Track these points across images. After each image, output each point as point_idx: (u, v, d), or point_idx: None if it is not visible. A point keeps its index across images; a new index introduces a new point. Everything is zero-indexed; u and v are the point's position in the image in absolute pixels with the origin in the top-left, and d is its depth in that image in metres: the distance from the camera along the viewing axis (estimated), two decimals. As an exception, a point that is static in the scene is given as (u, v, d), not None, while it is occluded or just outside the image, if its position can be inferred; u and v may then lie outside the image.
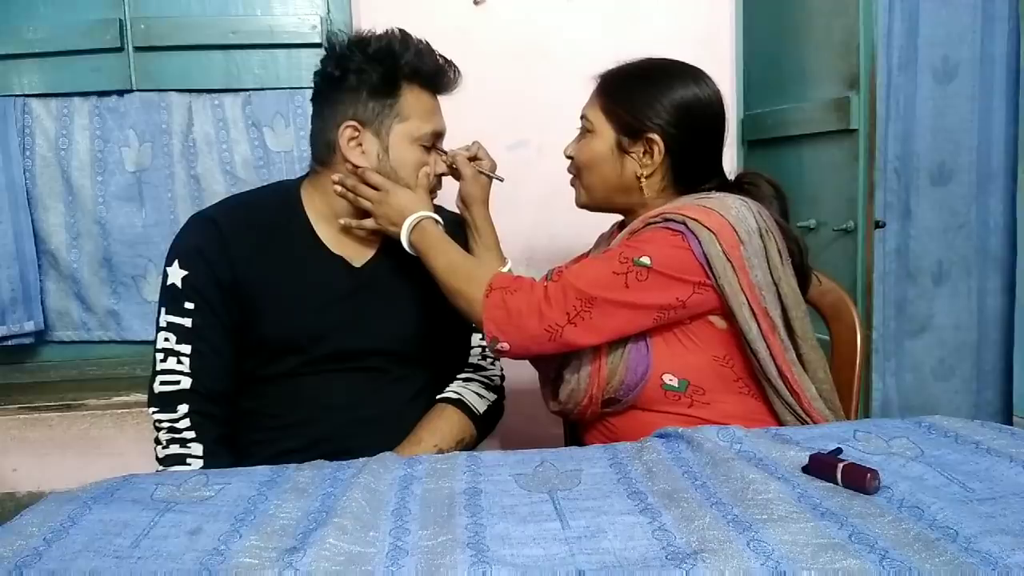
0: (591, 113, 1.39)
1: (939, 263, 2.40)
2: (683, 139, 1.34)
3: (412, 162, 1.39)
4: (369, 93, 1.36)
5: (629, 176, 1.36)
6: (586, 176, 1.41)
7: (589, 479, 0.99)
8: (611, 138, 1.36)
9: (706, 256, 1.24)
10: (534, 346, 1.27)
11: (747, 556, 0.76)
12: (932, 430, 1.10)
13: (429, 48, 1.40)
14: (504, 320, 1.26)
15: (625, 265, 1.24)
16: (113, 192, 2.37)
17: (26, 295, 2.37)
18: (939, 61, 2.25)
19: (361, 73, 1.36)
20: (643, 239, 1.28)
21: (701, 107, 1.35)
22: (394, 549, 0.81)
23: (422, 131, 1.39)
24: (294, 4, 2.37)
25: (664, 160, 1.34)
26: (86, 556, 0.80)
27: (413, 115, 1.38)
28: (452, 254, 1.35)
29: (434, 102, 1.43)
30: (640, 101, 1.34)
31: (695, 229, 1.24)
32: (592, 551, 0.80)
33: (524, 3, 2.16)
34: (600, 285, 1.24)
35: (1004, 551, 0.75)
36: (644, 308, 1.25)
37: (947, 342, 2.44)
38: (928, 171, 2.36)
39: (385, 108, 1.37)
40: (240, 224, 1.39)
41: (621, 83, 1.38)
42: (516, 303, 1.25)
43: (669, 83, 1.34)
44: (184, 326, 1.34)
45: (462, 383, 1.52)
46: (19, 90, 2.34)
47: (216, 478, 1.02)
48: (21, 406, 2.40)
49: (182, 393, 1.32)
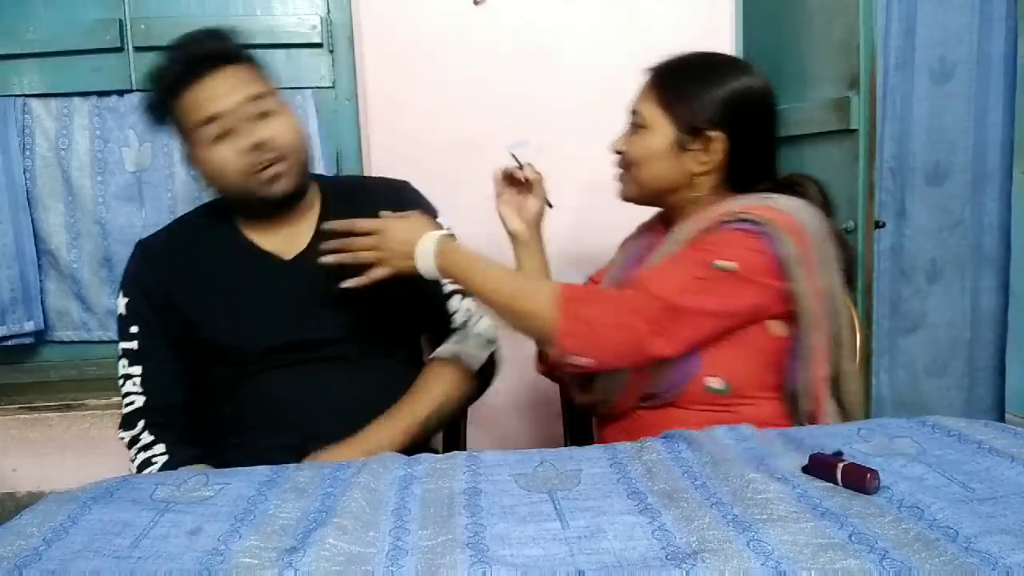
0: (646, 108, 1.35)
1: (933, 262, 2.41)
2: (743, 136, 1.32)
3: (213, 164, 1.36)
4: (174, 129, 1.40)
5: (685, 173, 1.34)
6: (638, 171, 1.37)
7: (589, 479, 0.99)
8: (669, 134, 1.32)
9: (784, 259, 1.21)
10: (616, 360, 1.22)
11: (747, 556, 0.76)
12: (936, 429, 1.10)
13: (184, 44, 1.40)
14: (585, 334, 1.18)
15: (706, 270, 1.20)
16: (113, 192, 2.37)
17: (26, 295, 2.37)
18: (936, 62, 2.25)
19: (155, 124, 1.41)
20: (721, 241, 1.24)
21: (761, 103, 1.34)
22: (394, 549, 0.81)
23: (196, 129, 1.35)
24: (294, 4, 2.37)
25: (722, 158, 1.32)
26: (86, 556, 0.80)
27: (185, 124, 1.36)
28: (497, 271, 1.28)
29: (202, 91, 1.34)
30: (700, 97, 1.31)
31: (774, 231, 1.22)
32: (592, 551, 0.80)
33: (524, 3, 2.16)
34: (685, 292, 1.20)
35: (1004, 551, 0.75)
36: (727, 315, 1.23)
37: (940, 340, 2.45)
38: (924, 171, 2.37)
39: (179, 136, 1.39)
40: (172, 243, 1.48)
41: (679, 78, 1.35)
42: (597, 315, 1.19)
43: (728, 78, 1.32)
44: (133, 349, 1.42)
45: (456, 340, 1.51)
46: (19, 90, 2.34)
47: (216, 478, 1.02)
48: (21, 406, 2.40)
49: (138, 411, 1.40)
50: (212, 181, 1.39)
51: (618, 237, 1.59)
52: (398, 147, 2.16)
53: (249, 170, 1.35)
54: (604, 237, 1.60)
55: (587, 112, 2.17)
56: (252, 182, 1.36)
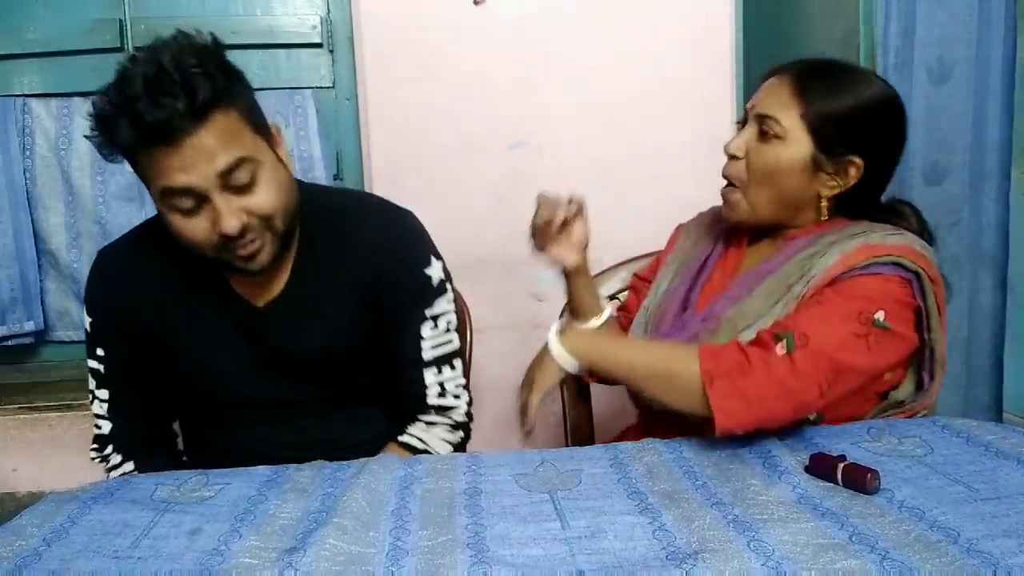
0: (785, 117, 1.20)
1: (931, 261, 2.41)
2: (879, 163, 1.23)
3: (175, 229, 1.13)
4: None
5: (812, 194, 1.22)
6: (760, 184, 1.23)
7: (589, 479, 0.99)
8: (807, 151, 1.19)
9: (927, 310, 1.15)
10: (777, 424, 1.09)
11: (747, 556, 0.76)
12: (945, 430, 1.09)
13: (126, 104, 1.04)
14: (743, 411, 1.05)
15: (865, 326, 1.10)
16: (113, 192, 2.37)
17: (26, 295, 2.37)
18: (934, 62, 2.25)
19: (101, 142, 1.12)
20: (876, 289, 1.13)
21: (900, 128, 1.24)
22: (394, 549, 0.81)
23: (159, 193, 1.10)
24: (294, 4, 2.37)
25: (855, 184, 1.21)
26: (86, 556, 0.80)
27: (149, 178, 1.10)
28: (634, 350, 1.21)
29: (168, 156, 1.06)
30: (848, 117, 1.18)
31: (924, 280, 1.14)
32: (592, 551, 0.80)
33: (524, 3, 2.16)
34: (845, 350, 1.09)
35: (1006, 553, 0.75)
36: (879, 371, 1.15)
37: (938, 339, 2.45)
38: (922, 170, 2.37)
39: (136, 170, 1.13)
40: (140, 260, 1.30)
41: (826, 90, 1.20)
42: (755, 387, 1.05)
43: (875, 99, 1.20)
44: (99, 371, 1.33)
45: (425, 427, 1.35)
46: (19, 90, 2.34)
47: (216, 478, 1.02)
48: (21, 406, 2.40)
49: (105, 437, 1.34)
50: (179, 243, 1.16)
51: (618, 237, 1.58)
52: (398, 147, 2.16)
53: (223, 247, 1.13)
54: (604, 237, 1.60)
55: (586, 112, 2.17)
56: (226, 256, 1.15)
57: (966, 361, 2.42)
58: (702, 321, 1.26)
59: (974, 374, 2.40)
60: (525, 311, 2.19)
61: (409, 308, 1.32)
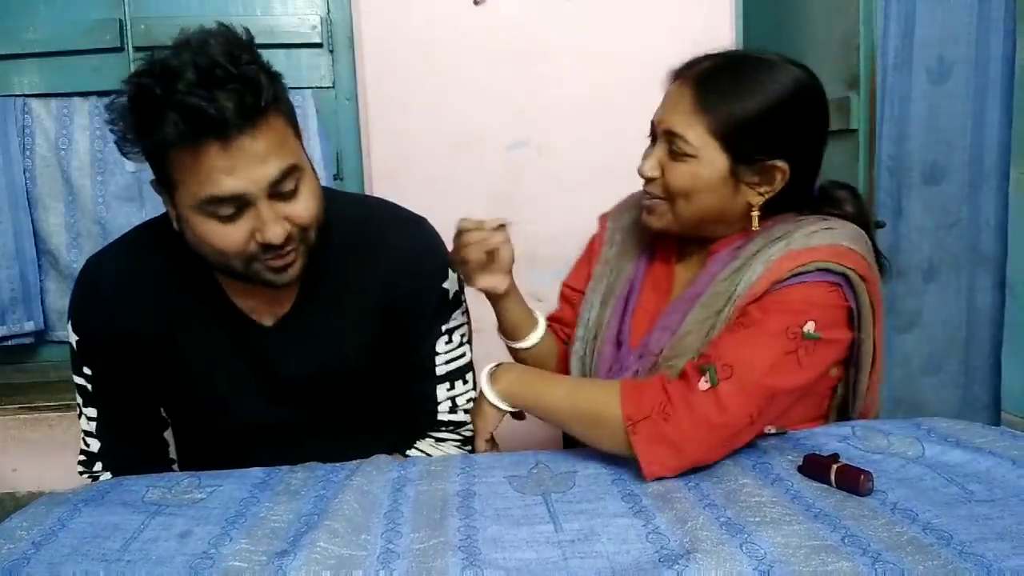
0: (691, 135, 1.12)
1: (929, 261, 2.41)
2: (807, 159, 1.16)
3: (205, 236, 1.02)
4: (144, 153, 1.03)
5: (740, 206, 1.16)
6: (682, 204, 1.16)
7: (583, 481, 0.99)
8: (723, 167, 1.12)
9: (859, 310, 1.10)
10: (705, 461, 1.03)
11: (740, 559, 0.76)
12: (933, 432, 1.09)
13: (177, 89, 0.93)
14: (670, 455, 1.00)
15: (794, 341, 1.05)
16: (113, 192, 2.37)
17: (26, 295, 2.37)
18: (934, 62, 2.25)
19: (120, 142, 1.02)
20: (802, 299, 1.07)
21: (820, 115, 1.16)
22: (385, 552, 0.81)
23: (197, 199, 0.99)
24: (294, 4, 2.37)
25: (783, 186, 1.15)
26: (74, 560, 0.80)
27: (183, 181, 1.00)
28: (554, 391, 1.15)
29: (217, 158, 0.96)
30: (761, 122, 1.10)
31: (854, 281, 1.08)
32: (585, 555, 0.80)
33: (524, 3, 2.16)
34: (777, 373, 1.04)
35: (999, 556, 0.74)
36: (813, 382, 1.10)
37: (936, 338, 2.46)
38: (921, 170, 2.37)
39: (158, 171, 1.04)
40: (135, 274, 1.17)
41: (729, 94, 1.11)
42: (678, 430, 1.01)
43: (785, 90, 1.11)
44: (87, 389, 1.23)
45: (435, 443, 1.30)
46: (19, 90, 2.34)
47: (208, 480, 1.02)
48: (21, 406, 2.40)
49: (94, 456, 1.28)
50: (192, 241, 1.06)
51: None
52: (398, 147, 2.16)
53: (252, 257, 1.05)
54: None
55: (586, 112, 2.17)
56: (256, 267, 1.06)
57: (964, 361, 2.42)
58: (639, 358, 1.22)
59: (972, 374, 2.40)
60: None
61: (427, 324, 1.27)
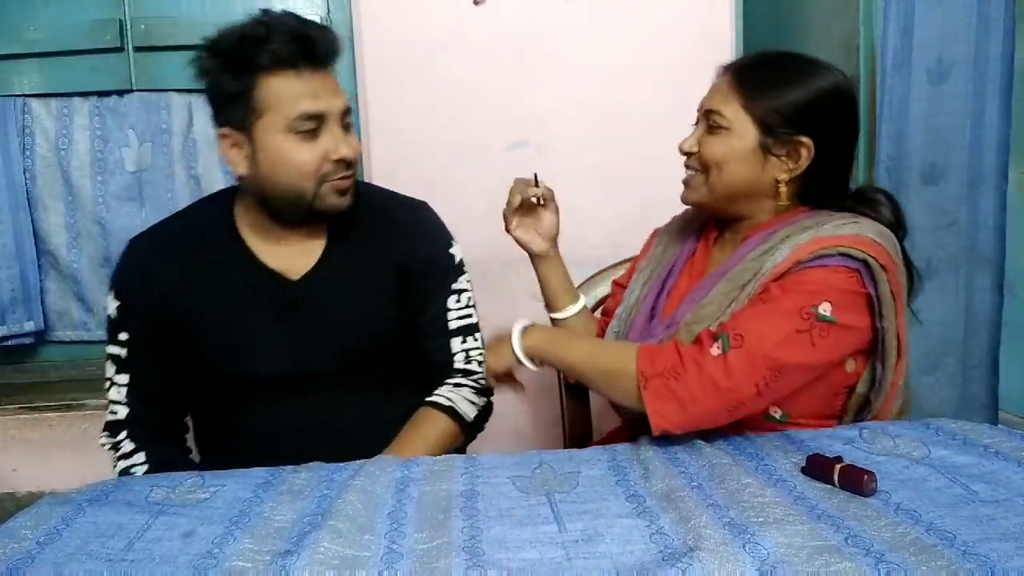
0: (727, 109, 1.24)
1: (928, 260, 2.41)
2: (830, 143, 1.23)
3: (287, 156, 1.23)
4: (229, 95, 1.24)
5: (767, 179, 1.25)
6: (715, 174, 1.26)
7: (587, 481, 0.99)
8: (753, 137, 1.23)
9: (879, 298, 1.14)
10: (711, 424, 1.12)
11: (743, 559, 0.76)
12: (940, 432, 1.09)
13: (289, 22, 1.23)
14: (676, 411, 1.09)
15: (808, 321, 1.11)
16: (113, 192, 2.37)
17: (26, 295, 2.37)
18: (933, 62, 2.25)
19: (213, 76, 1.25)
20: (820, 281, 1.13)
21: (849, 108, 1.26)
22: (389, 552, 0.81)
23: (289, 117, 1.22)
24: (294, 4, 2.37)
25: (808, 166, 1.23)
26: (79, 559, 0.80)
27: (276, 103, 1.22)
28: (577, 348, 1.26)
29: (306, 82, 1.23)
30: (788, 99, 1.21)
31: (874, 269, 1.13)
32: (588, 555, 0.80)
33: (524, 3, 2.16)
34: (786, 347, 1.10)
35: (1003, 557, 0.74)
36: (823, 365, 1.16)
37: (934, 337, 2.46)
38: (920, 170, 2.37)
39: (245, 105, 1.23)
40: (169, 247, 1.35)
41: (762, 77, 1.25)
42: (686, 390, 1.09)
43: (816, 80, 1.23)
44: (121, 356, 1.34)
45: (452, 388, 1.43)
46: (19, 90, 2.34)
47: (212, 479, 1.02)
48: (21, 406, 2.40)
49: (120, 423, 1.34)
50: (267, 171, 1.25)
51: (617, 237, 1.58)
52: (398, 147, 2.16)
53: (324, 177, 1.26)
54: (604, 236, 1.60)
55: (587, 112, 2.17)
56: (322, 189, 1.27)
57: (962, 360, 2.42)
58: (666, 328, 1.29)
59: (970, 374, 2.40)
60: (525, 311, 2.18)
61: (437, 283, 1.44)
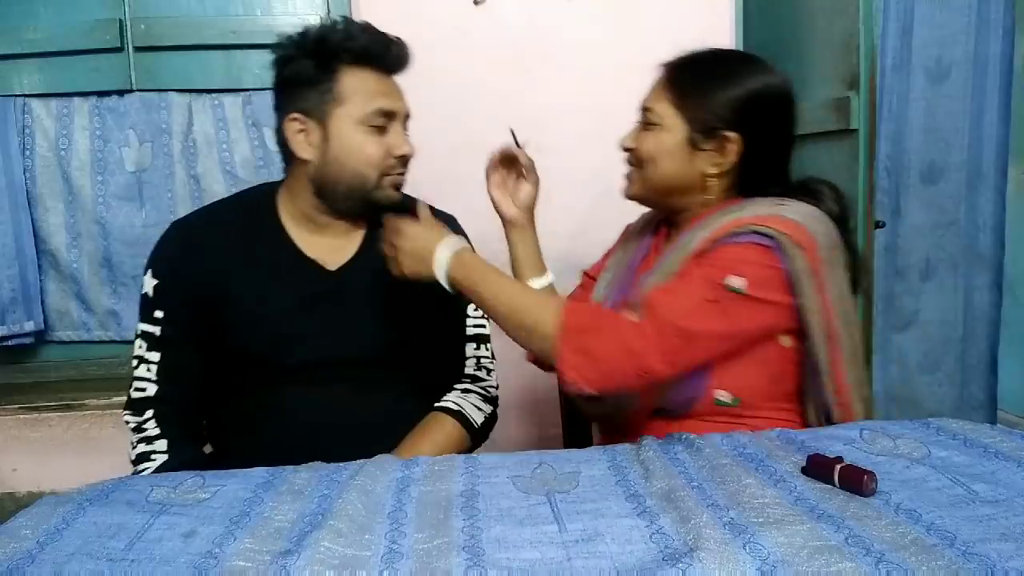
0: (659, 106, 1.29)
1: (927, 260, 2.42)
2: (759, 138, 1.27)
3: (357, 146, 1.33)
4: (307, 82, 1.33)
5: (696, 174, 1.29)
6: (648, 170, 1.31)
7: (587, 481, 0.99)
8: (682, 134, 1.27)
9: (794, 273, 1.17)
10: (621, 387, 1.17)
11: (743, 559, 0.76)
12: (940, 432, 1.09)
13: (368, 28, 1.35)
14: (588, 366, 1.14)
15: (717, 291, 1.16)
16: (113, 192, 2.37)
17: (26, 295, 2.37)
18: (932, 62, 2.26)
19: (294, 62, 1.34)
20: (731, 256, 1.19)
21: (778, 103, 1.29)
22: (389, 552, 0.81)
23: (365, 111, 1.32)
24: (294, 4, 2.37)
25: (737, 160, 1.27)
26: (79, 559, 0.80)
27: (354, 96, 1.32)
28: (505, 287, 1.24)
29: (381, 82, 1.36)
30: (716, 96, 1.25)
31: (786, 245, 1.17)
32: (589, 555, 0.80)
33: (524, 3, 2.16)
34: (695, 316, 1.15)
35: (1003, 557, 0.74)
36: (738, 336, 1.19)
37: (933, 336, 2.47)
38: (918, 170, 2.38)
39: (323, 94, 1.32)
40: (212, 231, 1.39)
41: (694, 75, 1.29)
42: (602, 347, 1.14)
43: (746, 77, 1.27)
44: (154, 334, 1.36)
45: (461, 394, 1.48)
46: (19, 90, 2.34)
47: (212, 480, 1.02)
48: (21, 406, 2.40)
49: (147, 400, 1.35)
50: (334, 158, 1.33)
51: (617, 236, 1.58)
52: (398, 147, 2.16)
53: (385, 171, 1.36)
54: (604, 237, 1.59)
55: (587, 112, 2.17)
56: (382, 181, 1.36)
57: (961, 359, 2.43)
58: None
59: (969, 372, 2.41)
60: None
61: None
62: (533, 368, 1.47)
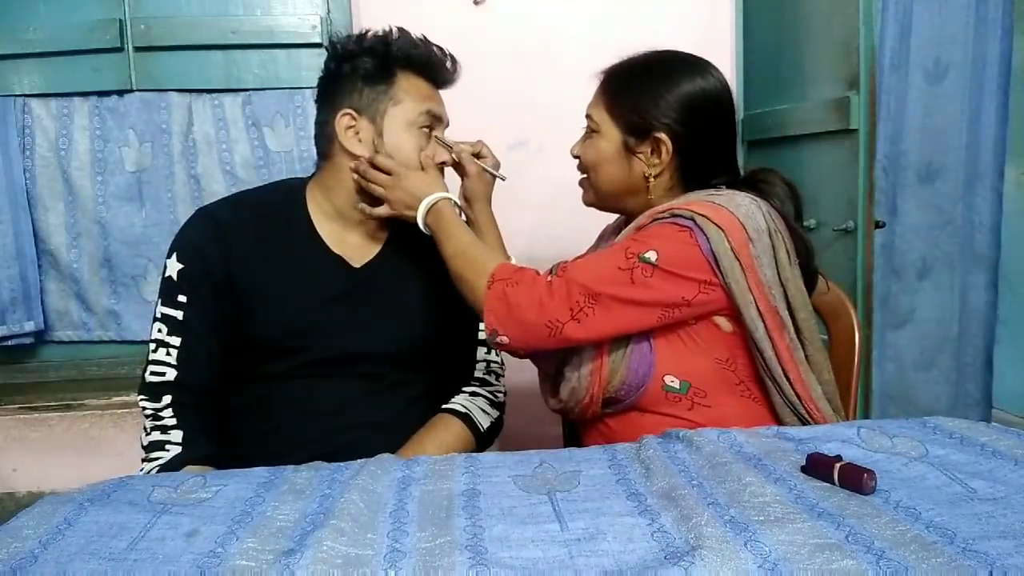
0: (596, 113, 1.35)
1: (923, 259, 2.42)
2: (691, 137, 1.30)
3: (409, 146, 1.38)
4: (364, 80, 1.37)
5: (637, 177, 1.33)
6: (593, 176, 1.37)
7: (588, 480, 0.99)
8: (617, 139, 1.32)
9: (714, 254, 1.20)
10: (533, 341, 1.25)
11: (744, 556, 0.76)
12: (937, 431, 1.09)
13: (426, 40, 1.41)
14: (504, 313, 1.23)
15: (630, 261, 1.20)
16: (113, 192, 2.37)
17: (26, 295, 2.37)
18: (931, 62, 2.26)
19: (355, 60, 1.38)
20: (649, 234, 1.24)
21: (708, 101, 1.31)
22: (392, 551, 0.81)
23: (417, 112, 1.38)
24: (294, 4, 2.37)
25: (672, 159, 1.30)
26: (82, 559, 0.80)
27: (407, 98, 1.38)
28: (463, 239, 1.32)
29: (431, 89, 1.42)
30: (645, 100, 1.29)
31: (703, 225, 1.20)
32: (591, 553, 0.80)
33: (524, 3, 2.16)
34: (605, 281, 1.21)
35: (1002, 554, 0.75)
36: (648, 305, 1.21)
37: (929, 335, 2.47)
38: (916, 170, 2.38)
39: (379, 94, 1.37)
40: (240, 220, 1.40)
41: (624, 81, 1.34)
42: (517, 296, 1.22)
43: (674, 79, 1.30)
44: (176, 318, 1.35)
45: (468, 397, 1.50)
46: (19, 90, 2.34)
47: (214, 479, 1.02)
48: (21, 406, 2.40)
49: (166, 384, 1.34)
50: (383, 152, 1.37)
51: (617, 237, 1.59)
52: (398, 147, 2.16)
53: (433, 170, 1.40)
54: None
55: (587, 112, 2.17)
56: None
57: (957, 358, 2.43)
58: None
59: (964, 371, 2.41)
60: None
61: None
62: (534, 368, 1.47)
